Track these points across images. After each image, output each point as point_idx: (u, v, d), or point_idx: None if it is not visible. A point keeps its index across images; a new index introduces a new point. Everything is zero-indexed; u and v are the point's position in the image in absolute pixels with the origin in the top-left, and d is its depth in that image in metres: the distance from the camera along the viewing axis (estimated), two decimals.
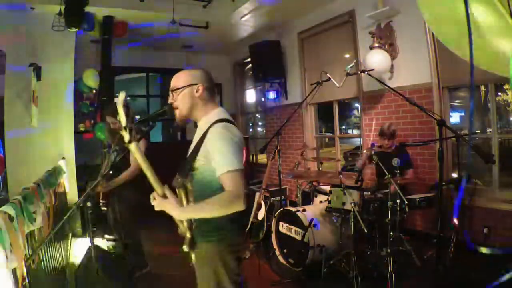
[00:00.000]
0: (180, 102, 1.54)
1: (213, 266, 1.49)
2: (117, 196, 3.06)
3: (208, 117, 1.55)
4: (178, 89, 1.54)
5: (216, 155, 1.42)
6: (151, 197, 1.40)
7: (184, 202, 1.43)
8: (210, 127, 1.47)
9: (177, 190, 1.44)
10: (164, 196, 1.37)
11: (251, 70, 6.32)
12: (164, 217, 1.48)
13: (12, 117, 4.34)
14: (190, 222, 1.47)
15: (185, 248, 1.46)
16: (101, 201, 3.11)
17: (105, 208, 3.14)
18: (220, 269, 1.49)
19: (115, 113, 3.09)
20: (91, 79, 4.98)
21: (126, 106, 1.28)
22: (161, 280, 3.15)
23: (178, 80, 1.57)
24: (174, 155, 2.05)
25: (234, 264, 1.54)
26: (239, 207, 1.39)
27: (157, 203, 1.38)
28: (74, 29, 4.22)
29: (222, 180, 1.40)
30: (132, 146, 1.29)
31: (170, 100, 1.56)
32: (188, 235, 1.46)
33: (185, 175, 1.46)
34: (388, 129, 3.51)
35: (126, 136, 1.27)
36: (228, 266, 1.51)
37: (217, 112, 1.56)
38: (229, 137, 1.43)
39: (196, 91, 1.54)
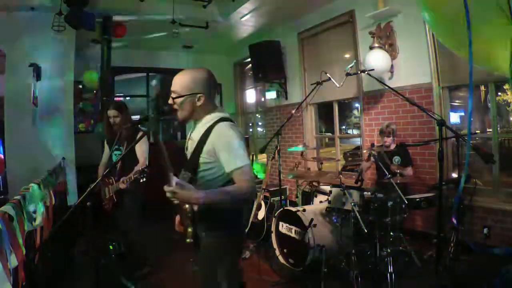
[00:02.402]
0: (180, 108, 1.53)
1: (217, 260, 1.51)
2: (125, 193, 3.04)
3: (208, 117, 1.56)
4: (179, 96, 1.51)
5: (225, 152, 1.44)
6: (165, 187, 1.32)
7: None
8: (213, 125, 1.49)
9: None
10: (181, 185, 1.32)
11: (251, 70, 6.32)
12: (165, 216, 1.48)
13: (12, 117, 4.34)
14: (192, 215, 1.47)
15: (188, 240, 1.46)
16: (109, 198, 3.08)
17: (108, 207, 3.13)
18: (225, 264, 1.51)
19: (117, 108, 3.10)
20: (91, 80, 4.98)
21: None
22: (161, 280, 3.15)
23: (180, 84, 1.52)
24: (174, 154, 2.05)
25: (237, 258, 1.56)
26: (252, 197, 1.49)
27: (174, 193, 1.31)
28: (74, 29, 4.22)
29: (234, 175, 1.41)
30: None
31: (170, 101, 1.55)
32: (189, 229, 1.46)
33: (191, 171, 1.49)
34: (387, 128, 3.54)
35: None
36: (232, 260, 1.54)
37: (218, 113, 1.57)
38: (235, 134, 1.46)
39: (198, 100, 1.51)
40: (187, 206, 1.46)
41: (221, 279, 1.50)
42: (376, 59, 3.81)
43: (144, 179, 2.78)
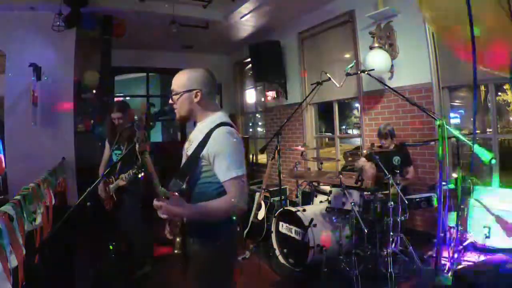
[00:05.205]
0: (179, 106, 1.53)
1: (210, 267, 1.48)
2: (125, 193, 3.03)
3: (209, 119, 1.53)
4: (176, 94, 1.52)
5: (221, 160, 1.41)
6: (154, 203, 1.34)
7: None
8: (213, 129, 1.45)
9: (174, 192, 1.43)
10: (168, 199, 1.33)
11: (251, 70, 6.32)
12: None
13: (12, 117, 4.34)
14: (182, 224, 1.46)
15: (177, 252, 1.46)
16: (109, 198, 3.05)
17: (108, 207, 3.12)
18: (218, 270, 1.49)
19: (120, 109, 3.10)
20: (91, 80, 4.99)
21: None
22: (161, 280, 3.15)
23: (177, 82, 1.54)
24: (174, 155, 2.05)
25: (231, 265, 1.54)
26: (241, 211, 1.42)
27: (163, 208, 1.32)
28: (74, 29, 4.22)
29: (226, 185, 1.40)
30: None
31: (170, 101, 1.56)
32: (178, 239, 1.46)
33: (183, 177, 1.45)
34: (384, 129, 3.53)
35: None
36: (226, 266, 1.51)
37: (219, 115, 1.55)
38: (234, 142, 1.43)
39: (195, 97, 1.51)
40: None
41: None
42: (376, 59, 3.81)
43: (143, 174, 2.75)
